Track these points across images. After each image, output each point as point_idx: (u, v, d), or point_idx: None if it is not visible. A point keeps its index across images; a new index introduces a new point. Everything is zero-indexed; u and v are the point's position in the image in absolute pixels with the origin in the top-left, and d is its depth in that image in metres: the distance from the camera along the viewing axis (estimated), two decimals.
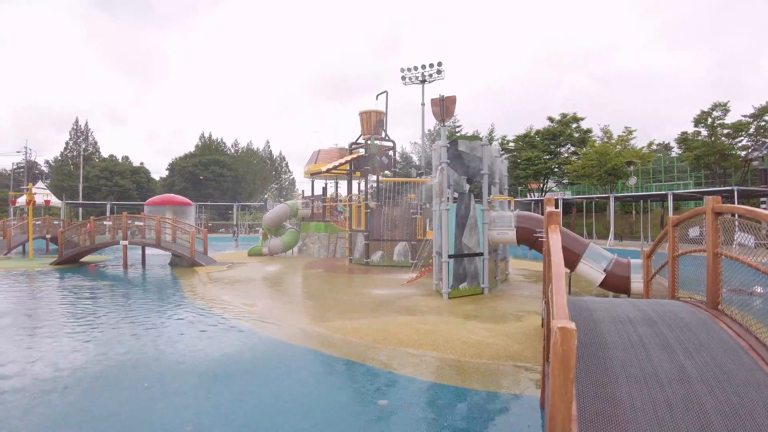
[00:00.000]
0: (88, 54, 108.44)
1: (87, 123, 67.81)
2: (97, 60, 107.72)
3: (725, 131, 37.35)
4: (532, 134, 47.42)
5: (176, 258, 18.88)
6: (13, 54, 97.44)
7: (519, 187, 47.53)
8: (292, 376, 5.79)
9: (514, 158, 44.87)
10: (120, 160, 68.58)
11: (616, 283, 9.94)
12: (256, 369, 6.07)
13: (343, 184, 28.63)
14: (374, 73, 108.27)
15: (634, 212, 39.75)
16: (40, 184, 38.83)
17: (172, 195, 32.06)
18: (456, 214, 10.80)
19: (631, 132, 42.37)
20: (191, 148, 71.39)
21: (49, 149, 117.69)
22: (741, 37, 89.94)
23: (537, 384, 5.25)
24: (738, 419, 2.46)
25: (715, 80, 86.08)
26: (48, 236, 26.47)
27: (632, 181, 36.69)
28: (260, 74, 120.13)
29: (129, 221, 19.36)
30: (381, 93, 23.95)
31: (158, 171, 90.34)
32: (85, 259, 20.30)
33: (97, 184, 58.48)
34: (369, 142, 20.02)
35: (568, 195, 40.13)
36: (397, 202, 19.12)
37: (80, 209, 52.45)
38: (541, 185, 48.09)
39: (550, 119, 46.55)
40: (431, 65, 27.59)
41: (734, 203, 24.61)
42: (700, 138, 38.55)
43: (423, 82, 27.65)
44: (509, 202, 15.14)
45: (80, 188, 56.60)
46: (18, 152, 58.76)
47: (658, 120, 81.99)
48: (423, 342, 6.94)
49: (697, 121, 38.30)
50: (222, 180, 64.12)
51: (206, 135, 73.36)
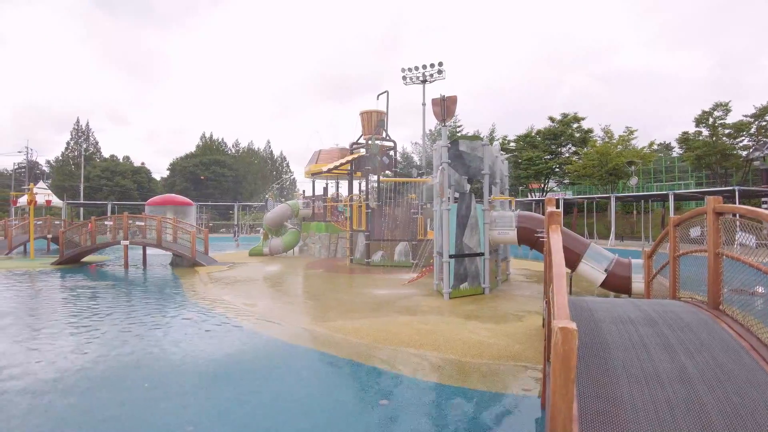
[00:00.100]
0: (88, 54, 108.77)
1: (88, 123, 68.06)
2: (97, 60, 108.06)
3: (726, 131, 37.30)
4: (533, 134, 47.44)
5: (177, 258, 18.91)
6: (13, 54, 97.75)
7: (520, 187, 47.55)
8: (293, 376, 5.80)
9: (515, 158, 44.86)
10: (121, 160, 68.73)
11: (617, 283, 9.94)
12: (257, 369, 6.08)
13: (344, 184, 28.66)
14: (374, 73, 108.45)
15: (635, 212, 39.71)
16: (41, 184, 38.91)
17: (173, 195, 32.08)
18: (457, 214, 10.80)
19: (632, 132, 42.34)
20: (192, 148, 71.71)
21: (50, 149, 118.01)
22: (741, 37, 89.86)
23: (538, 384, 5.25)
24: (739, 419, 2.46)
25: (715, 80, 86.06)
26: (49, 236, 26.53)
27: (633, 181, 36.67)
28: (261, 74, 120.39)
29: (130, 221, 19.40)
30: (382, 93, 23.95)
31: (159, 171, 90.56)
32: (86, 259, 20.34)
33: (98, 184, 58.59)
34: (370, 142, 20.01)
35: (569, 195, 40.11)
36: (398, 202, 19.12)
37: (81, 209, 52.52)
38: (542, 185, 48.09)
39: (551, 119, 46.55)
40: (432, 65, 27.57)
41: (735, 203, 24.58)
42: (701, 138, 38.51)
43: (424, 82, 27.62)
44: (510, 202, 15.14)
45: (81, 188, 56.72)
46: (19, 152, 58.97)
47: (658, 120, 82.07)
48: (424, 342, 6.94)
49: (698, 121, 38.26)
50: (223, 180, 64.21)
51: (207, 135, 73.59)
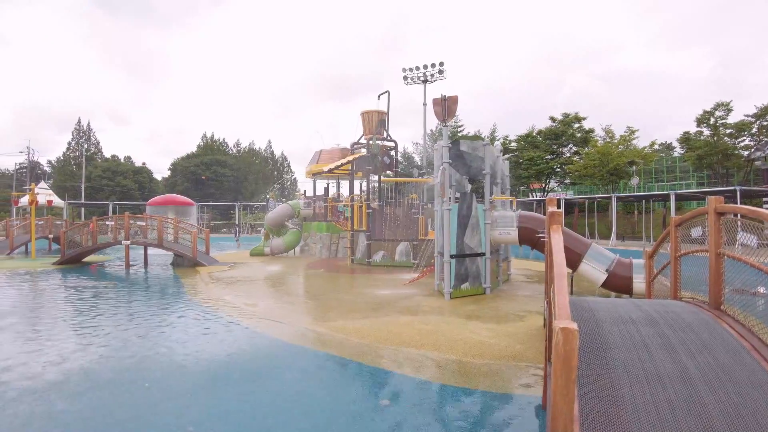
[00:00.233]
0: (89, 54, 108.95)
1: (89, 123, 68.20)
2: (98, 60, 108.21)
3: (728, 131, 37.19)
4: (534, 134, 47.38)
5: (178, 258, 18.93)
6: (14, 54, 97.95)
7: (521, 187, 47.53)
8: (294, 376, 5.80)
9: (516, 158, 44.83)
10: (122, 160, 68.82)
11: (618, 284, 9.92)
12: (258, 369, 6.08)
13: (344, 184, 28.67)
14: (375, 73, 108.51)
15: (636, 212, 39.66)
16: (42, 184, 38.99)
17: (174, 195, 32.09)
18: (458, 214, 10.80)
19: (633, 132, 42.26)
20: (193, 148, 71.74)
21: (51, 149, 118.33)
22: (742, 37, 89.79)
23: (539, 384, 5.24)
24: (740, 420, 2.45)
25: (716, 80, 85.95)
26: (50, 236, 26.58)
27: (634, 181, 36.62)
28: (261, 74, 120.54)
29: (131, 221, 19.44)
30: (383, 93, 23.99)
31: (160, 171, 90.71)
32: (87, 259, 20.37)
33: (99, 184, 58.68)
34: (371, 142, 20.02)
35: (570, 195, 40.09)
36: (399, 202, 19.12)
37: (82, 209, 52.60)
38: (543, 185, 48.06)
39: (552, 119, 46.48)
40: (433, 65, 27.58)
41: (737, 203, 24.53)
42: (702, 138, 38.40)
43: (425, 82, 27.62)
44: (511, 202, 15.13)
45: (82, 188, 56.81)
46: (20, 152, 59.11)
47: (659, 120, 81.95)
48: (425, 342, 6.94)
49: (700, 121, 38.16)
50: (224, 180, 64.25)
51: (208, 135, 73.67)
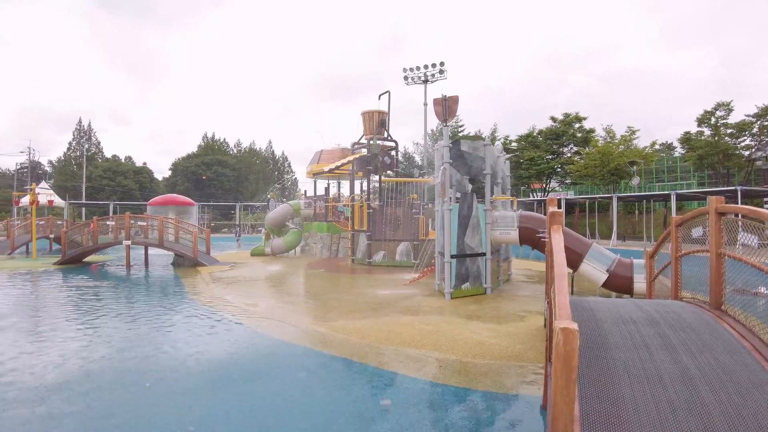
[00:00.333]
0: (90, 54, 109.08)
1: (90, 123, 68.29)
2: (99, 60, 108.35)
3: (729, 131, 37.14)
4: (534, 134, 47.36)
5: (179, 258, 18.94)
6: (15, 54, 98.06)
7: (522, 187, 47.50)
8: (294, 375, 5.80)
9: (517, 158, 44.79)
10: (123, 160, 68.89)
11: (619, 284, 9.91)
12: (258, 369, 6.09)
13: (345, 184, 28.67)
14: (375, 73, 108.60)
15: (637, 212, 39.63)
16: (43, 184, 39.10)
17: (175, 195, 32.11)
18: (458, 214, 10.80)
19: (634, 132, 42.24)
20: (194, 148, 71.76)
21: (52, 149, 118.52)
22: (743, 37, 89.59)
23: (540, 384, 5.24)
24: (741, 420, 2.45)
25: (717, 80, 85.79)
26: (51, 236, 26.60)
27: (635, 181, 36.59)
28: (262, 74, 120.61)
29: (132, 221, 19.45)
30: (383, 93, 23.97)
31: (161, 171, 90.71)
32: (88, 259, 20.39)
33: (100, 184, 58.73)
34: (371, 142, 20.02)
35: (570, 195, 40.05)
36: (399, 202, 19.12)
37: (83, 209, 52.65)
38: (544, 185, 48.03)
39: (553, 119, 46.46)
40: (433, 65, 27.60)
41: (738, 203, 24.51)
42: (703, 138, 38.36)
43: (425, 82, 27.64)
44: (512, 202, 15.12)
45: (83, 188, 56.84)
46: (21, 152, 59.35)
47: (660, 120, 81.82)
48: (425, 342, 6.93)
49: (701, 121, 38.12)
50: (224, 180, 64.27)
51: (209, 135, 73.71)
